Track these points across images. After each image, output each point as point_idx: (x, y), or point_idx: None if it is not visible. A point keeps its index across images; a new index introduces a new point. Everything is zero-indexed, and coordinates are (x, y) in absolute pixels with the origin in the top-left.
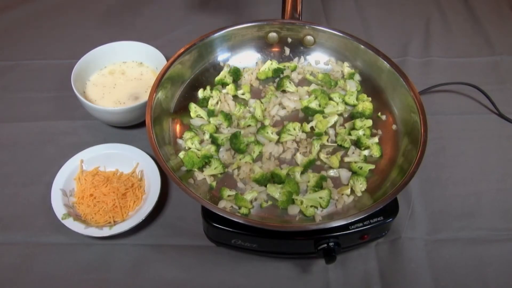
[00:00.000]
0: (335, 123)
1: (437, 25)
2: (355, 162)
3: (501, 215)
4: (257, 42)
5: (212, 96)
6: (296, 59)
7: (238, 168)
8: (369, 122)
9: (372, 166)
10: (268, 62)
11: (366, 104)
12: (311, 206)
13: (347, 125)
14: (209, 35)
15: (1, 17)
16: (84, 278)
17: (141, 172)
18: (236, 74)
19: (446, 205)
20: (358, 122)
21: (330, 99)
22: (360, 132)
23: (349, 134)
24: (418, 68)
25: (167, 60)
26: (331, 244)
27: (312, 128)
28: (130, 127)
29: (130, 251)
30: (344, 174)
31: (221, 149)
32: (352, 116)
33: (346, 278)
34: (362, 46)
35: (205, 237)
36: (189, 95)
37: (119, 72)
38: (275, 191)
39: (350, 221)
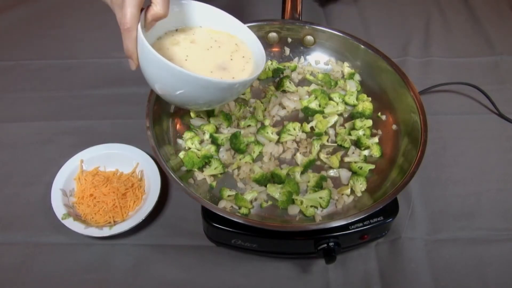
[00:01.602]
0: (335, 123)
1: (437, 25)
2: (355, 162)
3: (501, 215)
4: None
5: None
6: (296, 59)
7: (238, 168)
8: (369, 122)
9: (372, 166)
10: (268, 62)
11: (366, 104)
12: (311, 206)
13: (347, 125)
14: None
15: (1, 17)
16: (84, 278)
17: (141, 172)
18: None
19: (446, 205)
20: (358, 122)
21: (330, 99)
22: (360, 132)
23: (349, 134)
24: (418, 68)
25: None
26: (331, 244)
27: (312, 128)
28: (130, 124)
29: (130, 251)
30: (344, 174)
31: (221, 149)
32: (352, 116)
33: (346, 278)
34: (362, 46)
35: (205, 237)
36: None
37: (188, 41)
38: (275, 191)
39: (350, 221)
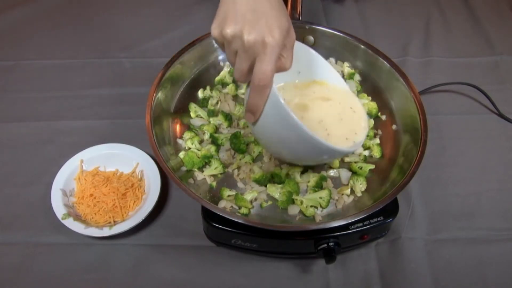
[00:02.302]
0: None
1: (437, 25)
2: (355, 162)
3: (501, 215)
4: None
5: (212, 96)
6: None
7: (238, 168)
8: (371, 122)
9: (372, 166)
10: None
11: (370, 104)
12: (311, 206)
13: None
14: (209, 35)
15: (1, 17)
16: (84, 278)
17: (141, 172)
18: None
19: (446, 205)
20: None
21: None
22: None
23: None
24: (418, 68)
25: (168, 59)
26: (331, 244)
27: None
28: (130, 124)
29: (130, 251)
30: (344, 174)
31: (221, 149)
32: None
33: (346, 278)
34: (362, 46)
35: (205, 237)
36: (189, 95)
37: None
38: (275, 191)
39: (350, 221)
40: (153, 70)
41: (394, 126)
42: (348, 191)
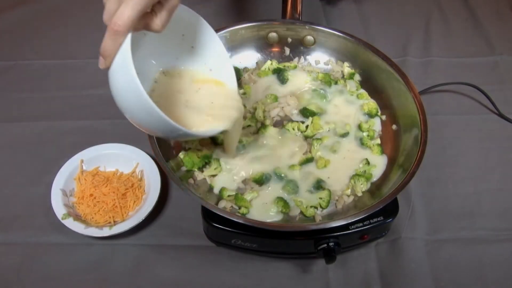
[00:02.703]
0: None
1: (437, 25)
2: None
3: (501, 215)
4: (257, 42)
5: None
6: (296, 59)
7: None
8: (373, 122)
9: (374, 167)
10: (268, 62)
11: (370, 104)
12: (311, 207)
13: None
14: None
15: (1, 17)
16: (84, 278)
17: (141, 172)
18: (236, 74)
19: (446, 205)
20: (364, 124)
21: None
22: (364, 134)
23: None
24: (418, 68)
25: None
26: (331, 244)
27: (307, 127)
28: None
29: (130, 251)
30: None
31: (221, 149)
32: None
33: (346, 278)
34: (362, 46)
35: (205, 237)
36: None
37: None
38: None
39: (350, 221)
40: None
41: (394, 126)
42: (349, 191)
